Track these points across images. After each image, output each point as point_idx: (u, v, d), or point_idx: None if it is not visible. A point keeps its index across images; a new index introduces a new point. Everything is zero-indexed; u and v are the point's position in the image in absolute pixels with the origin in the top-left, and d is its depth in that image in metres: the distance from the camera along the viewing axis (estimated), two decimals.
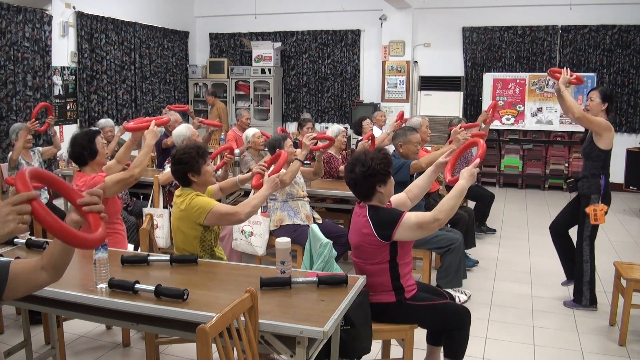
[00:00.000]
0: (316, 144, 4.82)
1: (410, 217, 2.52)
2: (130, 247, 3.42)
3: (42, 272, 1.51)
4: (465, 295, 4.09)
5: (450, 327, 2.70)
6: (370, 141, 4.74)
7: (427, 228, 2.52)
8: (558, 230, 4.17)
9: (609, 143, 3.77)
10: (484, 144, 2.83)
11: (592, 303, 3.94)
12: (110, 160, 3.88)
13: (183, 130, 4.54)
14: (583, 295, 3.93)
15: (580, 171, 4.03)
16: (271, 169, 3.45)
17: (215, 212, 2.82)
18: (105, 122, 5.70)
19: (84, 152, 3.25)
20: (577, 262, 3.97)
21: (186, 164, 2.87)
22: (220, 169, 4.48)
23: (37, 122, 5.06)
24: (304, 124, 6.26)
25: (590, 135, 3.84)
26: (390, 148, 4.66)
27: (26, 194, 1.25)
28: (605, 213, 3.80)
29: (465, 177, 2.60)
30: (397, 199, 2.86)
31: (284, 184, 4.00)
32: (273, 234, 4.09)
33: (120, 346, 3.38)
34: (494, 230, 5.97)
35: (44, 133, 6.58)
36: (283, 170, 4.01)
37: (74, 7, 7.41)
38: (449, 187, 5.53)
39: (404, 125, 5.15)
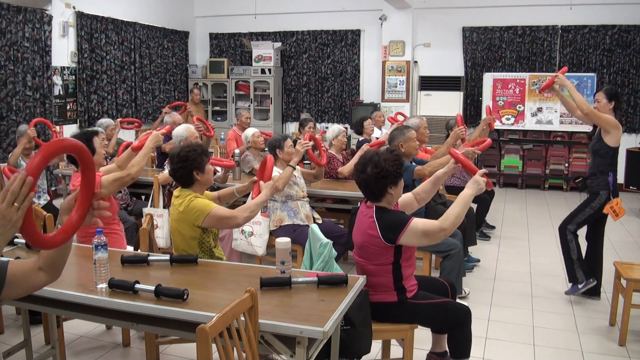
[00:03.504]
0: (314, 147, 4.82)
1: (417, 224, 2.51)
2: (129, 248, 3.42)
3: (39, 273, 1.50)
4: (464, 291, 4.10)
5: (450, 325, 2.70)
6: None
7: (432, 237, 2.51)
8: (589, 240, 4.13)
9: (617, 140, 3.83)
10: (462, 157, 2.72)
11: (589, 277, 3.97)
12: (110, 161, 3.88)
13: (181, 132, 4.54)
14: (577, 274, 3.97)
15: (588, 169, 4.06)
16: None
17: (214, 215, 2.82)
18: (107, 121, 5.71)
19: (87, 148, 3.26)
20: (562, 243, 4.04)
21: (193, 162, 2.88)
22: (219, 170, 4.48)
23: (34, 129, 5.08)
24: (305, 124, 6.25)
25: (599, 132, 3.88)
26: None
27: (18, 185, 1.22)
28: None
29: (471, 186, 2.58)
30: (403, 200, 2.85)
31: (277, 190, 4.00)
32: (273, 234, 4.09)
33: (120, 346, 3.38)
34: (492, 227, 5.98)
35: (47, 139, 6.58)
36: (279, 172, 4.02)
37: (74, 7, 7.41)
38: (449, 188, 5.57)
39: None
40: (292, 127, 9.84)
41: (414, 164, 4.10)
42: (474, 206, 5.58)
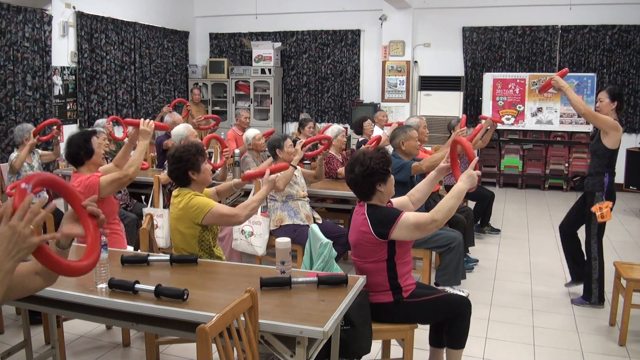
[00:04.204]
0: (316, 145, 4.82)
1: (409, 217, 2.52)
2: (129, 248, 3.42)
3: (36, 277, 1.49)
4: (463, 293, 4.10)
5: (450, 318, 2.69)
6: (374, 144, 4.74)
7: (424, 229, 2.52)
8: (567, 231, 4.18)
9: (616, 142, 3.82)
10: (465, 140, 2.74)
11: (601, 301, 3.96)
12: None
13: (181, 130, 4.54)
14: (592, 293, 3.95)
15: (587, 169, 4.07)
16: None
17: (215, 213, 2.82)
18: (103, 121, 5.69)
19: (80, 151, 3.27)
20: (586, 259, 3.99)
21: (187, 162, 2.88)
22: (218, 169, 4.48)
23: (40, 137, 5.05)
24: (305, 124, 6.25)
25: (599, 133, 3.88)
26: (389, 149, 4.67)
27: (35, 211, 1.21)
28: (611, 209, 3.82)
29: (464, 179, 2.59)
30: (399, 202, 2.86)
31: (278, 190, 4.01)
32: (273, 234, 4.09)
33: (120, 346, 3.38)
34: (498, 230, 5.97)
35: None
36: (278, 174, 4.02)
37: (74, 7, 7.41)
38: (449, 188, 5.56)
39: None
40: (292, 127, 9.84)
41: (411, 162, 4.09)
42: (472, 204, 5.58)
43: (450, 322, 2.70)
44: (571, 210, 4.21)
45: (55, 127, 5.30)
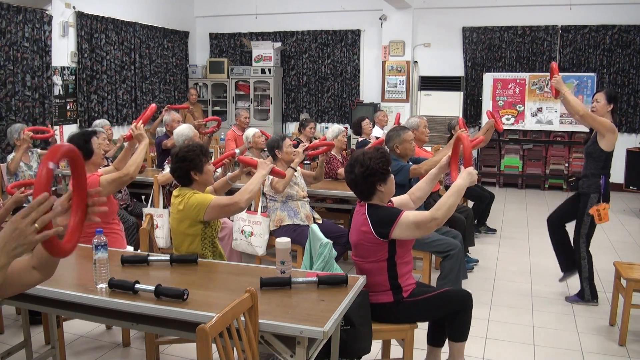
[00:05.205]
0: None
1: (409, 215, 2.52)
2: (129, 248, 3.42)
3: (33, 272, 1.50)
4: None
5: (453, 312, 2.69)
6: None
7: (425, 227, 2.52)
8: (555, 222, 4.23)
9: (612, 145, 3.83)
10: (467, 139, 2.81)
11: (594, 297, 3.99)
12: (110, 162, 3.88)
13: (185, 130, 4.54)
14: (584, 291, 3.99)
15: (582, 170, 4.08)
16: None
17: (215, 206, 2.82)
18: (102, 122, 5.69)
19: (80, 152, 3.26)
20: (576, 259, 4.03)
21: (190, 162, 2.88)
22: (219, 169, 4.48)
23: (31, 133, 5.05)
24: (306, 124, 6.26)
25: (595, 135, 3.89)
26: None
27: (41, 204, 1.22)
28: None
29: (463, 176, 2.61)
30: (399, 201, 2.86)
31: (277, 191, 4.00)
32: (273, 234, 4.09)
33: (120, 346, 3.38)
34: (494, 230, 5.97)
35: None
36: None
37: (74, 7, 7.41)
38: (448, 188, 5.56)
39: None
40: (292, 127, 9.84)
41: (410, 163, 4.08)
42: (471, 204, 5.58)
43: (452, 316, 2.70)
44: (562, 204, 4.26)
45: (51, 133, 5.33)
